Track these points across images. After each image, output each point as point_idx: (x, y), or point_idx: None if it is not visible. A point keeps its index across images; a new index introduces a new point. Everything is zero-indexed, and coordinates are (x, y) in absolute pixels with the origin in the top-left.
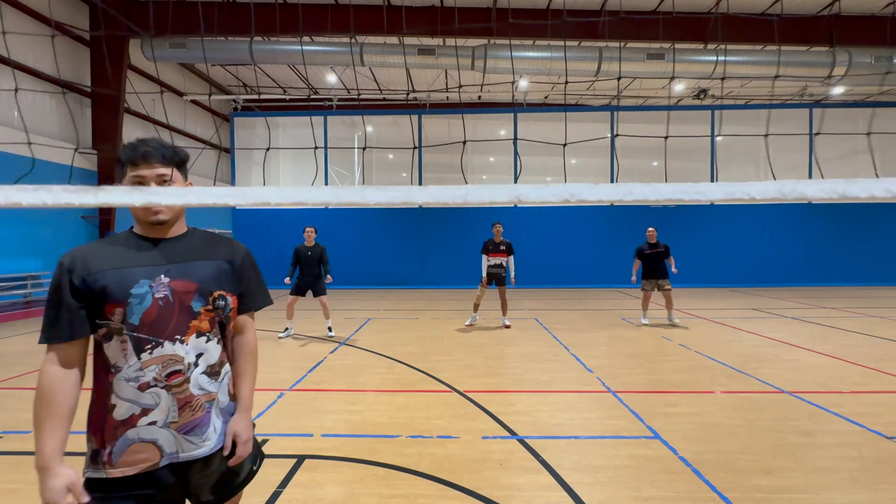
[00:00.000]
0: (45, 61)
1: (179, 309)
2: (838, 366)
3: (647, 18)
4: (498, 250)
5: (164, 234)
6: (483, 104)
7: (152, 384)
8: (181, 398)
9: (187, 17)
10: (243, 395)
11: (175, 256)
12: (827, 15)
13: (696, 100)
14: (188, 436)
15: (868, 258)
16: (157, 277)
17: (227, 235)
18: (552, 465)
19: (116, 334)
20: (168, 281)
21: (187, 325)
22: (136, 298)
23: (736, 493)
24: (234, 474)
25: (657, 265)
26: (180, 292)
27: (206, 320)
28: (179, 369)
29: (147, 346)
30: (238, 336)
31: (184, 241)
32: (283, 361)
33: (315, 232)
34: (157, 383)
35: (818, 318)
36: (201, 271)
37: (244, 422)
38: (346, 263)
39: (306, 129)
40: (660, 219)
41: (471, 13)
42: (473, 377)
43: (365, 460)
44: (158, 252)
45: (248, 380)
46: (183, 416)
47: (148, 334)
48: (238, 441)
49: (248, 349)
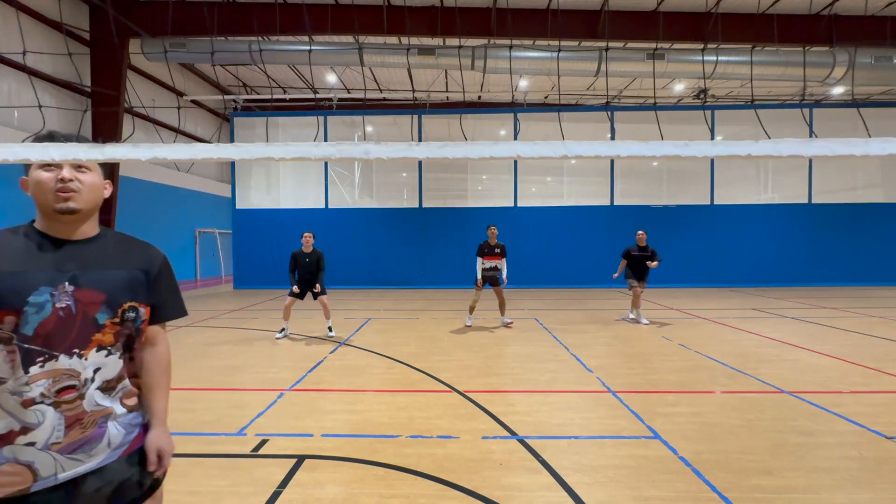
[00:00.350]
0: (46, 61)
1: (82, 321)
2: (838, 366)
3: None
4: (493, 253)
5: (72, 235)
6: (483, 104)
7: (38, 400)
8: (70, 415)
9: (187, 17)
10: (158, 409)
11: (83, 262)
12: (827, 15)
13: (696, 100)
14: (73, 454)
15: (868, 258)
16: (61, 285)
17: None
18: (552, 465)
19: (4, 344)
20: (73, 290)
21: (89, 338)
22: (32, 307)
23: (736, 493)
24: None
25: (643, 267)
26: (85, 303)
27: (111, 333)
28: (73, 385)
29: (39, 359)
30: (150, 348)
31: (94, 245)
32: (283, 361)
33: (313, 237)
34: (45, 399)
35: (818, 318)
36: (112, 281)
37: (165, 436)
38: (346, 263)
39: (306, 129)
40: (660, 218)
41: (471, 13)
42: (473, 377)
43: (365, 460)
44: (64, 255)
45: (161, 393)
46: (70, 434)
47: (42, 346)
48: (164, 455)
49: (160, 361)
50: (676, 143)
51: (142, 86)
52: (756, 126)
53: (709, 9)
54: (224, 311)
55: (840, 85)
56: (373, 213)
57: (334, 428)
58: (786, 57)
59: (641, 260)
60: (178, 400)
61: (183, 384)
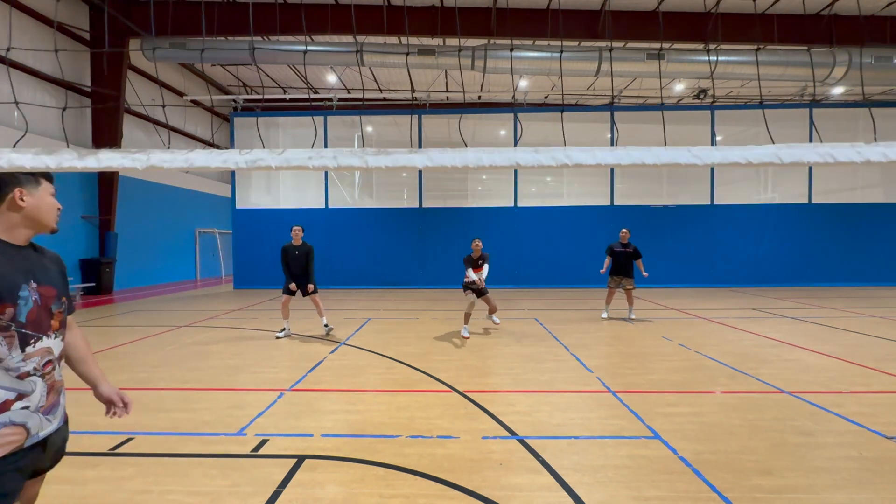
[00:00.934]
0: (46, 61)
1: (46, 310)
2: (838, 366)
3: (648, 18)
4: (477, 265)
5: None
6: (483, 104)
7: (32, 373)
8: (49, 384)
9: (187, 17)
10: (96, 371)
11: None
12: (827, 15)
13: (696, 100)
14: (47, 415)
15: (868, 258)
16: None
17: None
18: (552, 465)
19: (3, 330)
20: (36, 286)
21: (50, 323)
22: (22, 300)
23: (736, 493)
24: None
25: (625, 264)
26: (45, 296)
27: (58, 320)
28: (51, 359)
29: (31, 341)
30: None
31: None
32: (283, 361)
33: (302, 231)
34: (36, 372)
35: (818, 318)
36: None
37: (113, 388)
38: (346, 263)
39: (306, 129)
40: (660, 218)
41: (471, 13)
42: (473, 377)
43: (365, 460)
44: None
45: (92, 360)
46: (49, 399)
47: (32, 331)
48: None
49: (81, 337)
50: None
51: (142, 86)
52: (756, 126)
53: (709, 9)
54: (224, 311)
55: (840, 85)
56: (373, 213)
57: (334, 428)
58: (786, 57)
59: (622, 257)
60: (178, 400)
61: (183, 384)
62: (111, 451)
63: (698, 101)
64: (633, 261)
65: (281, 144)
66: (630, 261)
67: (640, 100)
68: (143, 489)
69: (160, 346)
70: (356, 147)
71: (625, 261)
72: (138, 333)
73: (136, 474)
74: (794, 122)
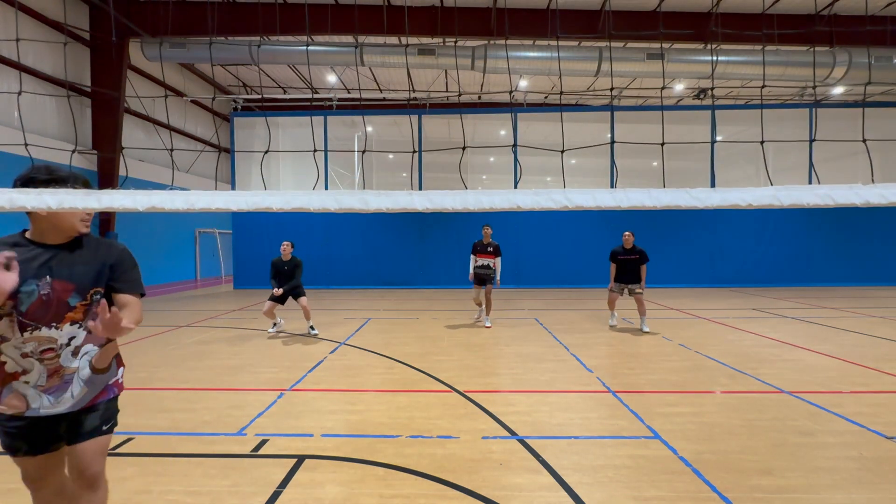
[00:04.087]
0: (46, 61)
1: (58, 304)
2: (838, 366)
3: (648, 18)
4: (485, 251)
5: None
6: (483, 104)
7: (30, 355)
8: (50, 368)
9: (187, 17)
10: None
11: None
12: (827, 15)
13: (696, 100)
14: (50, 396)
15: (868, 258)
16: (44, 279)
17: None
18: (552, 465)
19: (7, 316)
20: (51, 280)
21: (63, 315)
22: (24, 294)
23: (736, 493)
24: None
25: (629, 271)
26: (60, 290)
27: (81, 311)
28: (52, 347)
29: (28, 328)
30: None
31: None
32: (283, 361)
33: (291, 246)
34: (33, 355)
35: (818, 318)
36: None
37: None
38: (346, 263)
39: (306, 128)
40: (659, 218)
41: (471, 13)
42: (473, 377)
43: (365, 460)
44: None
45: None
46: (50, 381)
47: (30, 320)
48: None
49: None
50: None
51: (142, 86)
52: (756, 126)
53: (709, 9)
54: (224, 311)
55: (840, 85)
56: (373, 213)
57: (334, 428)
58: (786, 57)
59: (627, 263)
60: (178, 400)
61: (183, 384)
62: (111, 450)
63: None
64: (637, 266)
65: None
66: (635, 266)
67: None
68: (142, 489)
69: (160, 345)
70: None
71: (629, 267)
72: (138, 333)
73: (135, 474)
74: (795, 122)
